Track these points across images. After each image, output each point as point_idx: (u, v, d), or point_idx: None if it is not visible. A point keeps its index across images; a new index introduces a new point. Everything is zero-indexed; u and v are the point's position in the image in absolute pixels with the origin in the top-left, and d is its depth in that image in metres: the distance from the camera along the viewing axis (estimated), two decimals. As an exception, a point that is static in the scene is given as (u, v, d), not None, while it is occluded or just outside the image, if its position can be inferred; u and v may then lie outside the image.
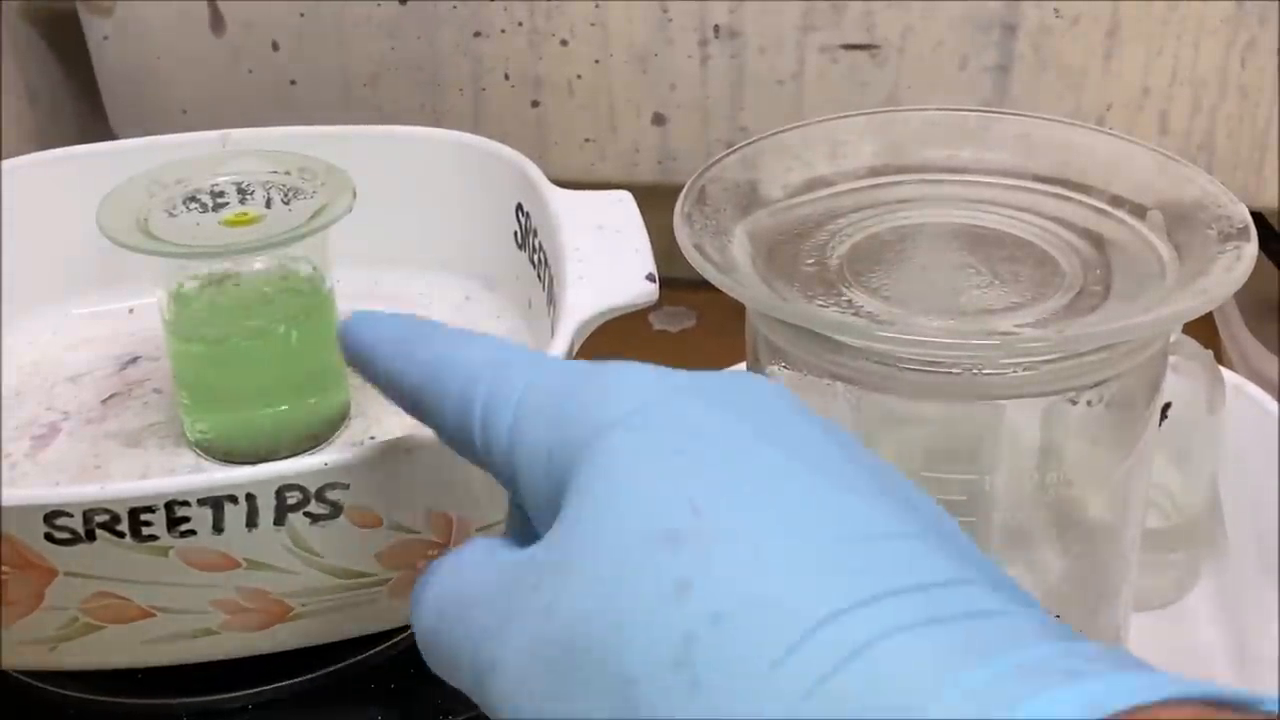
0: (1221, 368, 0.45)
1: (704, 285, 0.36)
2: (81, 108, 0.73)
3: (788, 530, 0.23)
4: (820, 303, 0.37)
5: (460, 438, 0.29)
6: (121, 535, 0.38)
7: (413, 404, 0.30)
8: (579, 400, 0.26)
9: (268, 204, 0.47)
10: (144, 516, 0.37)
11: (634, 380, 0.27)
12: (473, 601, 0.26)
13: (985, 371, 0.36)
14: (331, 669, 0.45)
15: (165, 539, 0.38)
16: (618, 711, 0.22)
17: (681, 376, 0.27)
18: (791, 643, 0.21)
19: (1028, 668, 0.20)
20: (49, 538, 0.37)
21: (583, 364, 0.28)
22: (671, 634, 0.22)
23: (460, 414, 0.28)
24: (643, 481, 0.24)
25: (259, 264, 0.48)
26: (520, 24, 0.61)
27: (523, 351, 0.29)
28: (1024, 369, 0.36)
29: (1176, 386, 0.42)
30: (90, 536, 0.37)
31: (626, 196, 0.50)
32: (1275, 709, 0.19)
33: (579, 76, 0.62)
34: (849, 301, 0.37)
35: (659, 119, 0.63)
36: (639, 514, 0.23)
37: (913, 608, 0.21)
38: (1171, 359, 0.40)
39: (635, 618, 0.22)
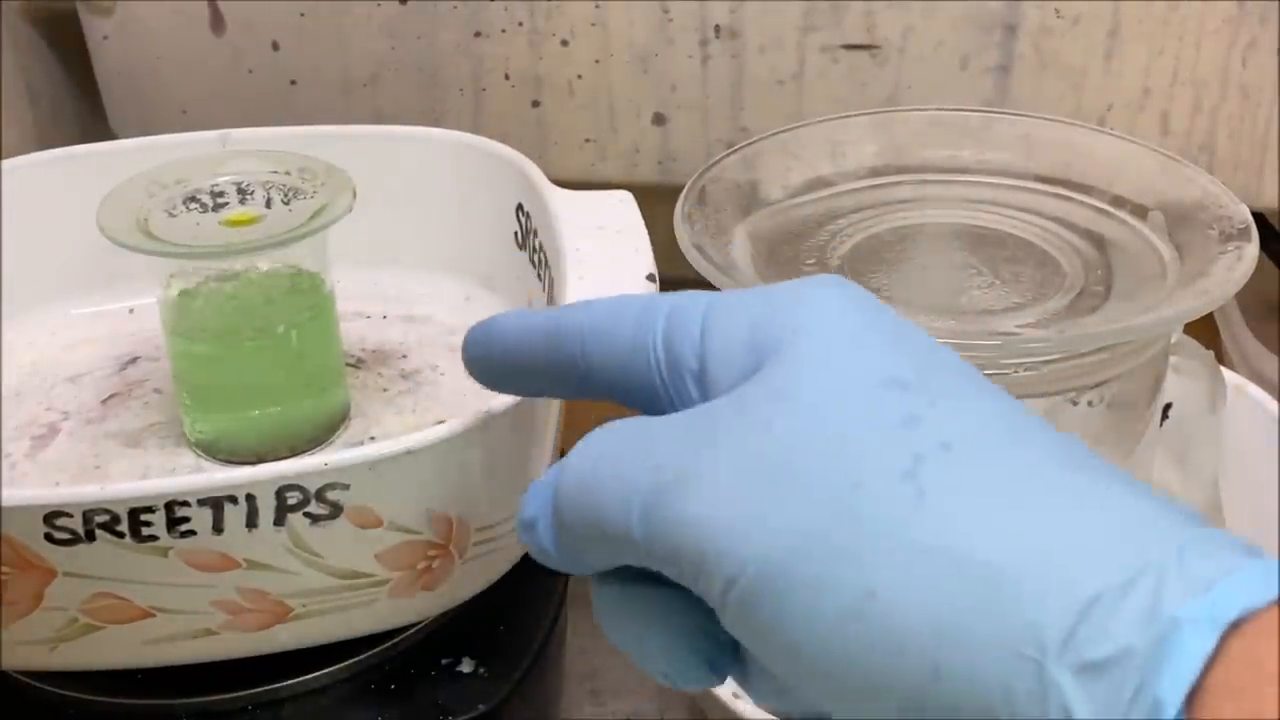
0: (1222, 368, 0.45)
1: (705, 285, 0.36)
2: (81, 108, 0.73)
3: (992, 401, 0.26)
4: (821, 303, 0.37)
5: (633, 351, 0.30)
6: (121, 535, 0.38)
7: (580, 346, 0.31)
8: (779, 290, 0.28)
9: (268, 204, 0.47)
10: (144, 517, 0.37)
11: (828, 282, 0.29)
12: (646, 442, 0.27)
13: (986, 372, 0.36)
14: (331, 669, 0.45)
15: (165, 539, 0.38)
16: (835, 514, 0.24)
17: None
18: (1016, 477, 0.24)
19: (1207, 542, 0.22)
20: (49, 538, 0.37)
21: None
22: (901, 451, 0.24)
23: (637, 331, 0.30)
24: (861, 341, 0.27)
25: (259, 264, 0.48)
26: (520, 24, 0.61)
27: None
28: (1025, 369, 0.36)
29: (1177, 387, 0.42)
30: (90, 537, 0.37)
31: (627, 197, 0.50)
32: None
33: (579, 76, 0.62)
34: (850, 302, 0.37)
35: (659, 119, 0.63)
36: (863, 364, 0.26)
37: (1110, 475, 0.24)
38: (1172, 359, 0.40)
39: (863, 436, 0.25)
